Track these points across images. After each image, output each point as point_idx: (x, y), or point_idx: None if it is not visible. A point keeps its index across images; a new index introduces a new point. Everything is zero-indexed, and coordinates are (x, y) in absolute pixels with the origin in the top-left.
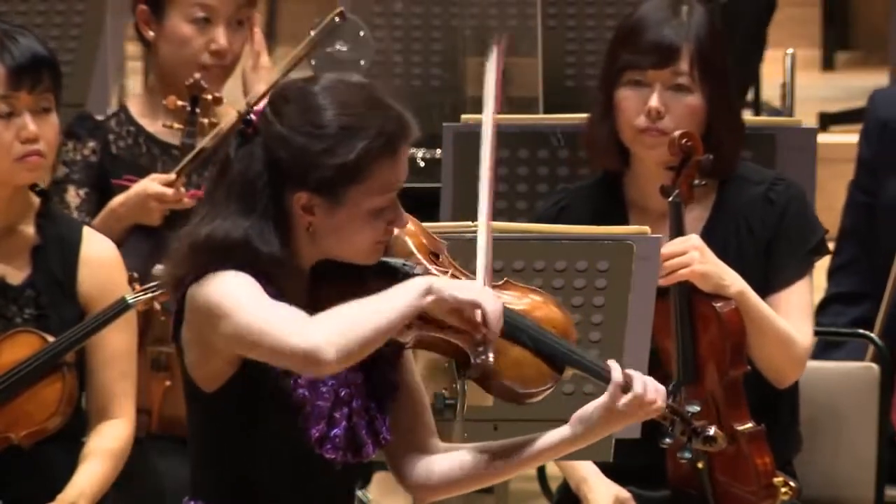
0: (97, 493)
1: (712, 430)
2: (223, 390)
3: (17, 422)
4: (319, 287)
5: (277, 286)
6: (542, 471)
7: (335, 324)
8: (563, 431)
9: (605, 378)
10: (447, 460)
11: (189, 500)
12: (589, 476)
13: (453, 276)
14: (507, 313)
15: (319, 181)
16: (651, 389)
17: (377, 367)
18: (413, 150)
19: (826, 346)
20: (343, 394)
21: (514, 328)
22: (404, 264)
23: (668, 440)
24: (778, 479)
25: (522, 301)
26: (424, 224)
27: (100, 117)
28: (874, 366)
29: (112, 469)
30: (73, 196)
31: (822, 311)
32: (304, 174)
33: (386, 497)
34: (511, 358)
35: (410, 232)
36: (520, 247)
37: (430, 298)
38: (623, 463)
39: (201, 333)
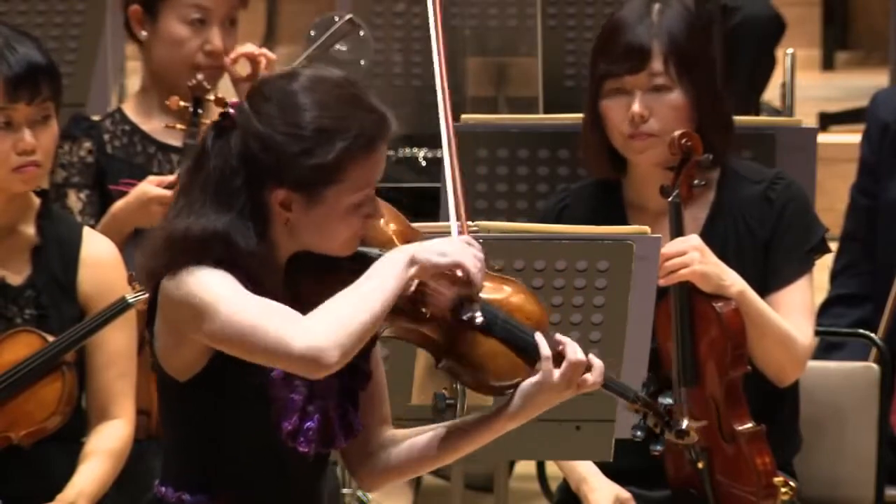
0: (97, 493)
1: (685, 423)
2: (195, 380)
3: (17, 421)
4: (296, 278)
5: (255, 280)
6: (542, 471)
7: (332, 322)
8: (503, 405)
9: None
10: (399, 448)
11: (159, 486)
12: (589, 476)
13: None
14: (482, 305)
15: (297, 180)
16: (582, 361)
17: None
18: (414, 150)
19: (827, 347)
20: (317, 387)
21: (487, 320)
22: (379, 253)
23: (639, 433)
24: (778, 479)
25: (497, 292)
26: (423, 223)
27: (95, 117)
28: (874, 366)
29: (112, 469)
30: (75, 200)
31: (824, 312)
32: (282, 172)
33: (386, 497)
34: (483, 350)
35: (386, 220)
36: (520, 247)
37: (413, 269)
38: (623, 463)
39: (177, 327)
